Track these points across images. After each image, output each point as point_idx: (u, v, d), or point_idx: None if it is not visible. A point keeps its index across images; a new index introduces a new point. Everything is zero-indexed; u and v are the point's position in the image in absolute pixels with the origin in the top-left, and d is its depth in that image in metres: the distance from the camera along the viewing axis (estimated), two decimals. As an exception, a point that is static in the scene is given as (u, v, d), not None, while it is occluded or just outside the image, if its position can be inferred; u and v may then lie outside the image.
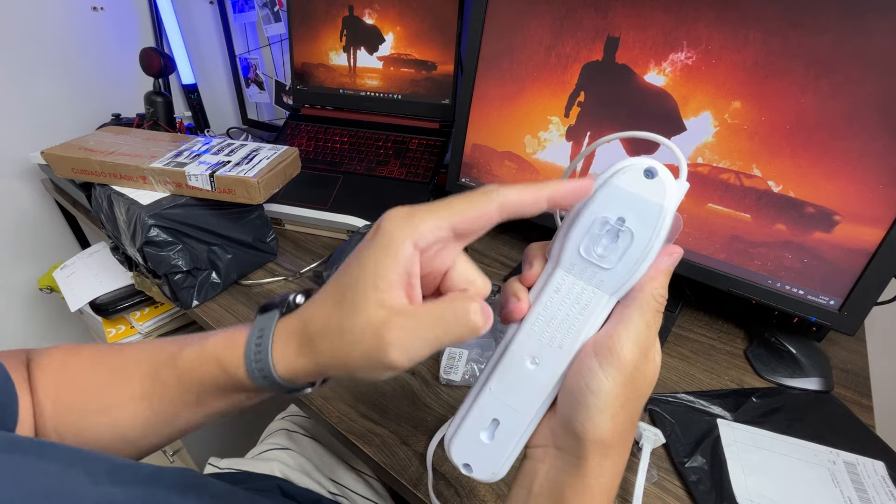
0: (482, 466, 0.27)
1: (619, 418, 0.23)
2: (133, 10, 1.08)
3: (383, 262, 0.22)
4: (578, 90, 0.59)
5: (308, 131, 0.94)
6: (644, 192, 0.23)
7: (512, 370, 0.26)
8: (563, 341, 0.25)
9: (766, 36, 0.46)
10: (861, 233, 0.46)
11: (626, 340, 0.23)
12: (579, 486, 0.24)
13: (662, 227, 0.23)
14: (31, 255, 1.10)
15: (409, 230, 0.22)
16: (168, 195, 0.62)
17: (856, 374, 0.55)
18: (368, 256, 0.22)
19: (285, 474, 0.56)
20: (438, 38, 0.85)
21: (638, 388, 0.24)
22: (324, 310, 0.24)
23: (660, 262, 0.24)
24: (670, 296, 0.63)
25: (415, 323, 0.22)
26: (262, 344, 0.25)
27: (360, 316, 0.22)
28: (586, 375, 0.23)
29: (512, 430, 0.26)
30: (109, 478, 0.24)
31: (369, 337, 0.22)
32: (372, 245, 0.22)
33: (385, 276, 0.22)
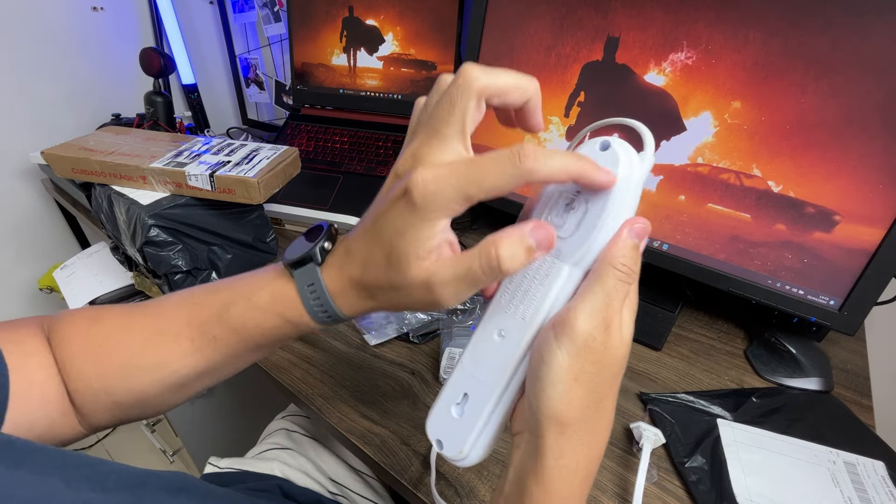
0: (452, 443, 0.27)
1: (574, 392, 0.23)
2: (133, 10, 1.08)
3: (422, 236, 0.23)
4: (578, 90, 0.59)
5: (308, 131, 0.94)
6: (598, 162, 0.24)
7: (481, 343, 0.27)
8: (526, 312, 0.25)
9: (766, 36, 0.46)
10: (861, 233, 0.46)
11: (581, 311, 0.23)
12: (538, 468, 0.24)
13: (616, 195, 0.23)
14: (31, 255, 1.10)
15: (442, 204, 0.23)
16: (168, 195, 0.61)
17: (856, 374, 0.55)
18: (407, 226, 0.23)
19: (285, 474, 0.56)
20: (438, 38, 0.85)
21: (597, 360, 0.23)
22: (374, 267, 0.25)
23: (620, 232, 0.24)
24: (670, 296, 0.64)
25: (460, 266, 0.23)
26: (319, 297, 0.27)
27: (410, 277, 0.24)
28: (542, 348, 0.23)
29: (480, 406, 0.26)
30: (89, 484, 0.23)
31: (421, 291, 0.24)
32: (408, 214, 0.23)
33: (425, 246, 0.23)
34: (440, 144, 0.24)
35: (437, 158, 0.23)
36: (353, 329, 0.59)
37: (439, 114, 0.24)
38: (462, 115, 0.23)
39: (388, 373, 0.53)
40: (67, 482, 0.23)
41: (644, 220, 0.24)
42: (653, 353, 0.57)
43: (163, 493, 0.26)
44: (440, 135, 0.24)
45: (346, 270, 0.27)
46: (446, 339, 0.53)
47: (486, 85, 0.23)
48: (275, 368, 0.53)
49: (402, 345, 0.57)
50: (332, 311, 0.28)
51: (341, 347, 0.56)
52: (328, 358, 0.55)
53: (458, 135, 0.24)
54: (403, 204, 0.23)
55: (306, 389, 0.51)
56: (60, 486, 0.22)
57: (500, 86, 0.23)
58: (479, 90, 0.23)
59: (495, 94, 0.23)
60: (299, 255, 0.28)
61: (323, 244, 0.28)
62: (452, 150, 0.24)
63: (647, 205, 0.57)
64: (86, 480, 0.23)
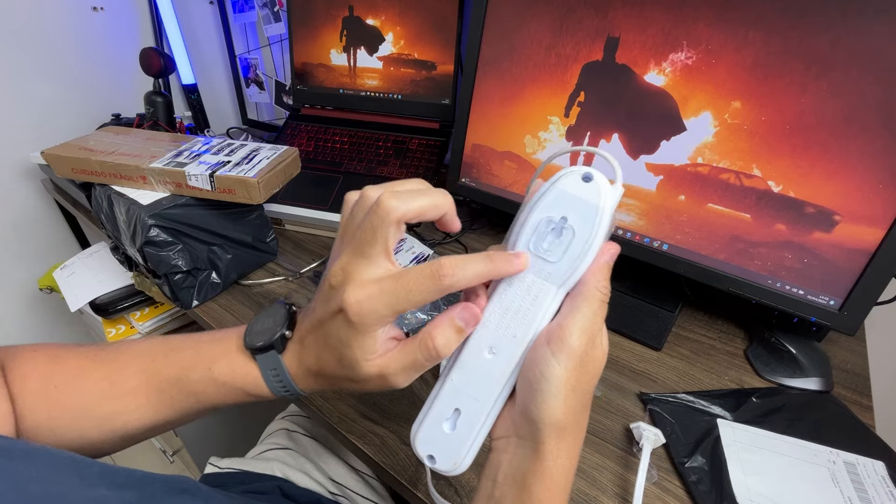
0: (445, 457, 0.28)
1: (571, 401, 0.25)
2: (133, 10, 1.08)
3: (366, 344, 0.27)
4: (578, 90, 0.59)
5: (308, 131, 0.94)
6: (583, 194, 0.26)
7: (471, 361, 0.28)
8: (517, 331, 0.27)
9: (766, 36, 0.46)
10: (861, 233, 0.46)
11: (575, 329, 0.25)
12: (539, 469, 0.26)
13: (600, 224, 0.26)
14: (31, 255, 1.10)
15: (376, 319, 0.26)
16: (168, 195, 0.61)
17: (856, 374, 0.55)
18: (350, 339, 0.27)
19: (285, 474, 0.56)
20: (438, 38, 0.85)
21: (587, 371, 0.26)
22: (329, 365, 0.29)
23: (600, 257, 0.26)
24: (670, 296, 0.64)
25: (406, 359, 0.27)
26: (282, 379, 0.31)
27: (364, 374, 0.27)
28: (541, 363, 0.26)
29: (472, 420, 0.28)
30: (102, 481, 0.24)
31: (376, 381, 0.28)
32: (347, 329, 0.26)
33: (370, 351, 0.27)
34: (367, 263, 0.26)
35: (366, 276, 0.26)
36: (353, 329, 0.59)
37: (363, 237, 0.26)
38: (384, 239, 0.26)
39: (388, 373, 0.53)
40: (82, 478, 0.23)
41: (616, 246, 0.27)
42: (653, 353, 0.57)
43: (168, 492, 0.26)
44: (366, 255, 0.26)
45: (304, 361, 0.30)
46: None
47: (402, 214, 0.26)
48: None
49: (402, 345, 0.57)
50: (293, 391, 0.31)
51: (341, 347, 0.56)
52: (328, 358, 0.55)
53: (383, 254, 0.26)
54: (342, 320, 0.26)
55: (306, 389, 0.51)
56: (76, 481, 0.23)
57: (416, 210, 0.26)
58: (396, 219, 0.26)
59: (413, 217, 0.26)
60: (262, 342, 0.31)
61: (284, 332, 0.31)
62: (378, 267, 0.26)
63: (647, 205, 0.57)
64: (98, 477, 0.24)
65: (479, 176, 0.72)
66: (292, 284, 0.68)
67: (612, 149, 0.57)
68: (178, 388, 0.32)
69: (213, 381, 0.32)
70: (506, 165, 0.68)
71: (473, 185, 0.73)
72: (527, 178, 0.67)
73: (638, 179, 0.57)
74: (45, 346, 0.35)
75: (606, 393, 0.51)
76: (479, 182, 0.72)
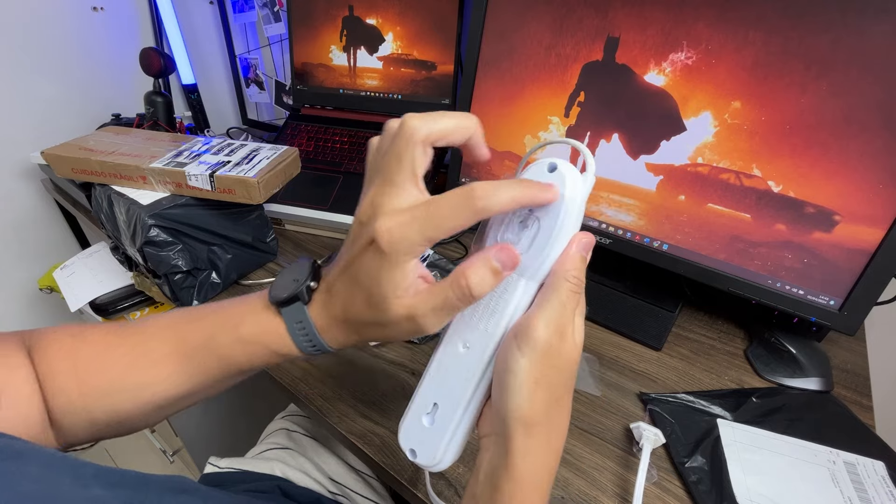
0: (425, 452, 0.28)
1: (537, 395, 0.25)
2: (133, 10, 1.08)
3: (396, 278, 0.25)
4: (578, 90, 0.59)
5: (308, 131, 0.94)
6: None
7: (447, 355, 0.29)
8: (488, 324, 0.27)
9: (766, 36, 0.46)
10: (861, 233, 0.46)
11: (540, 320, 0.25)
12: (509, 466, 0.25)
13: (565, 213, 0.25)
14: (31, 255, 1.10)
15: (408, 248, 0.24)
16: (168, 195, 0.62)
17: (856, 374, 0.55)
18: (380, 272, 0.25)
19: (285, 474, 0.56)
20: (438, 38, 0.85)
21: (555, 365, 0.25)
22: (357, 308, 0.27)
23: (569, 247, 0.26)
24: (670, 296, 0.64)
25: (437, 299, 0.25)
26: (308, 333, 0.29)
27: (393, 314, 0.26)
28: (507, 356, 0.25)
29: (448, 414, 0.28)
30: (96, 481, 0.23)
31: (406, 324, 0.26)
32: (379, 260, 0.25)
33: (401, 286, 0.25)
34: (396, 191, 0.25)
35: (395, 204, 0.25)
36: (353, 329, 0.59)
37: (389, 164, 0.26)
38: (410, 163, 0.25)
39: (388, 373, 0.53)
40: (75, 478, 0.23)
41: (589, 235, 0.26)
42: (653, 353, 0.57)
43: (166, 492, 0.26)
44: (394, 182, 0.25)
45: (331, 310, 0.29)
46: (446, 339, 0.53)
47: (427, 133, 0.25)
48: (275, 368, 0.53)
49: (401, 345, 0.57)
50: (320, 345, 0.30)
51: (341, 347, 0.56)
52: (328, 358, 0.55)
53: (411, 180, 0.25)
54: (373, 251, 0.25)
55: (306, 389, 0.51)
56: (68, 480, 0.23)
57: (441, 131, 0.25)
58: (422, 139, 0.25)
59: (438, 138, 0.25)
60: (287, 294, 0.30)
61: (309, 283, 0.30)
62: (408, 195, 0.25)
63: (647, 205, 0.57)
64: (93, 477, 0.24)
65: (479, 176, 0.72)
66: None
67: (613, 149, 0.57)
68: (205, 353, 0.31)
69: (240, 341, 0.31)
70: (506, 165, 0.68)
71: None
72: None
73: (638, 179, 0.57)
74: (69, 326, 0.35)
75: (606, 393, 0.51)
76: (479, 182, 0.72)
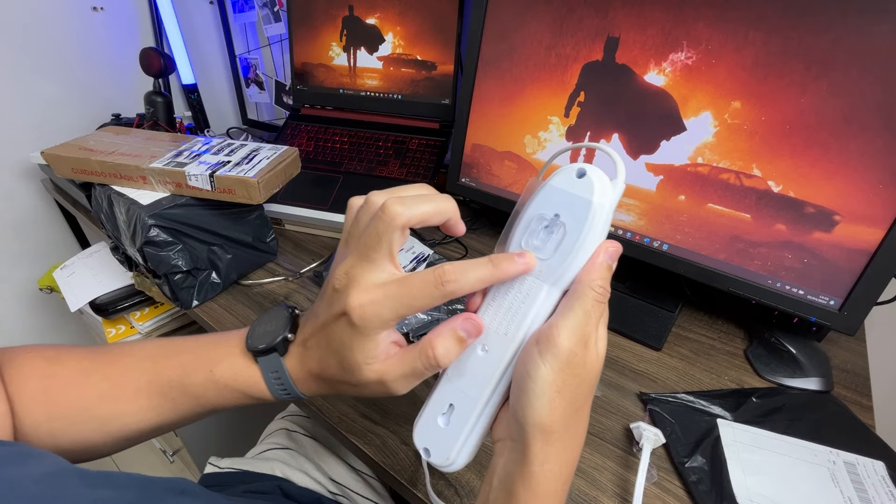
0: (439, 451, 0.28)
1: (557, 403, 0.25)
2: (133, 10, 1.08)
3: (367, 348, 0.27)
4: (578, 90, 0.59)
5: (308, 131, 0.94)
6: (575, 190, 0.25)
7: (465, 357, 0.28)
8: (508, 328, 0.27)
9: (766, 36, 0.46)
10: (861, 233, 0.46)
11: (563, 328, 0.25)
12: (526, 473, 0.25)
13: (593, 220, 0.25)
14: (31, 255, 1.10)
15: (379, 324, 0.26)
16: (168, 195, 0.61)
17: (856, 374, 0.55)
18: (352, 342, 0.27)
19: (286, 474, 0.56)
20: (438, 38, 0.85)
21: (577, 374, 0.25)
22: (331, 369, 0.29)
23: (596, 255, 0.26)
24: (670, 296, 0.64)
25: (406, 367, 0.27)
26: (283, 382, 0.31)
27: (365, 378, 0.28)
28: (528, 363, 0.25)
29: (465, 416, 0.28)
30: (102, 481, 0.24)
31: (377, 386, 0.28)
32: (350, 332, 0.27)
33: (371, 355, 0.27)
34: (371, 267, 0.26)
35: (370, 280, 0.26)
36: (353, 329, 0.59)
37: (369, 241, 0.26)
38: (388, 244, 0.26)
39: (388, 373, 0.53)
40: (82, 478, 0.23)
41: (616, 244, 0.26)
42: (653, 353, 0.57)
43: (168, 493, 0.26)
44: (370, 259, 0.26)
45: (307, 364, 0.30)
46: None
47: (408, 220, 0.26)
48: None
49: (402, 345, 0.57)
50: (294, 394, 0.32)
51: (341, 347, 0.56)
52: (328, 358, 0.55)
53: (387, 258, 0.26)
54: (345, 323, 0.27)
55: (306, 389, 0.51)
56: (75, 481, 0.23)
57: (421, 216, 0.26)
58: (401, 224, 0.26)
59: (418, 223, 0.26)
60: (264, 344, 0.31)
61: (286, 335, 0.31)
62: (383, 272, 0.26)
63: (647, 205, 0.57)
64: (99, 478, 0.24)
65: (479, 176, 0.72)
66: (292, 284, 0.68)
67: (613, 149, 0.57)
68: (179, 391, 0.32)
69: (214, 383, 0.32)
70: (506, 165, 0.68)
71: (473, 185, 0.73)
72: (526, 178, 0.67)
73: (638, 179, 0.57)
74: (44, 347, 0.35)
75: (606, 393, 0.51)
76: (479, 182, 0.72)
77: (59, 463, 0.24)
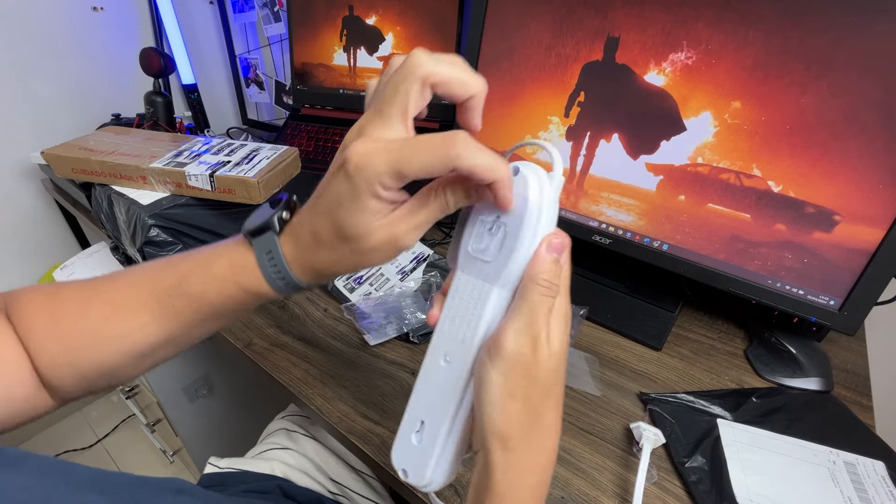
0: (415, 471, 0.27)
1: (511, 407, 0.24)
2: (133, 10, 1.08)
3: (359, 206, 0.25)
4: (578, 90, 0.59)
5: (308, 131, 0.94)
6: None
7: (430, 370, 0.28)
8: (465, 335, 0.26)
9: (766, 36, 0.46)
10: (861, 233, 0.46)
11: (509, 330, 0.24)
12: (489, 483, 0.25)
13: (529, 216, 0.24)
14: (31, 255, 1.10)
15: (373, 176, 0.24)
16: (168, 195, 0.62)
17: (856, 374, 0.55)
18: (344, 197, 0.25)
19: (286, 474, 0.56)
20: (438, 38, 0.85)
21: (528, 374, 0.24)
22: (323, 230, 0.27)
23: (539, 249, 0.25)
24: (670, 296, 0.64)
25: (417, 216, 0.26)
26: (277, 264, 0.28)
27: (374, 241, 0.26)
28: (480, 369, 0.25)
29: (434, 431, 0.27)
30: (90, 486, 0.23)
31: (387, 248, 0.26)
32: (345, 184, 0.25)
33: (366, 212, 0.25)
34: (382, 122, 0.24)
35: (378, 134, 0.24)
36: (352, 329, 0.59)
37: (385, 94, 0.25)
38: (405, 97, 0.24)
39: (388, 373, 0.53)
40: (68, 484, 0.23)
41: (562, 234, 0.25)
42: (653, 353, 0.57)
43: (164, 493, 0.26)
44: (383, 114, 0.24)
45: (301, 240, 0.28)
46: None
47: (430, 72, 0.24)
48: (275, 368, 0.53)
49: (401, 345, 0.57)
50: (289, 279, 0.29)
51: (341, 347, 0.56)
52: (328, 358, 0.55)
53: (400, 115, 0.24)
54: (342, 175, 0.25)
55: (306, 389, 0.51)
56: (62, 487, 0.22)
57: (444, 75, 0.24)
58: (423, 76, 0.24)
59: (439, 82, 0.24)
60: (258, 223, 0.29)
61: (281, 214, 0.29)
62: (393, 129, 0.24)
63: (647, 205, 0.57)
64: (86, 483, 0.23)
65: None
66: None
67: (613, 149, 0.57)
68: (178, 294, 0.31)
69: (212, 278, 0.30)
70: (506, 165, 0.68)
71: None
72: (527, 178, 0.67)
73: (638, 179, 0.57)
74: (41, 286, 0.34)
75: (606, 393, 0.51)
76: (479, 182, 0.72)
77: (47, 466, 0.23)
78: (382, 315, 0.58)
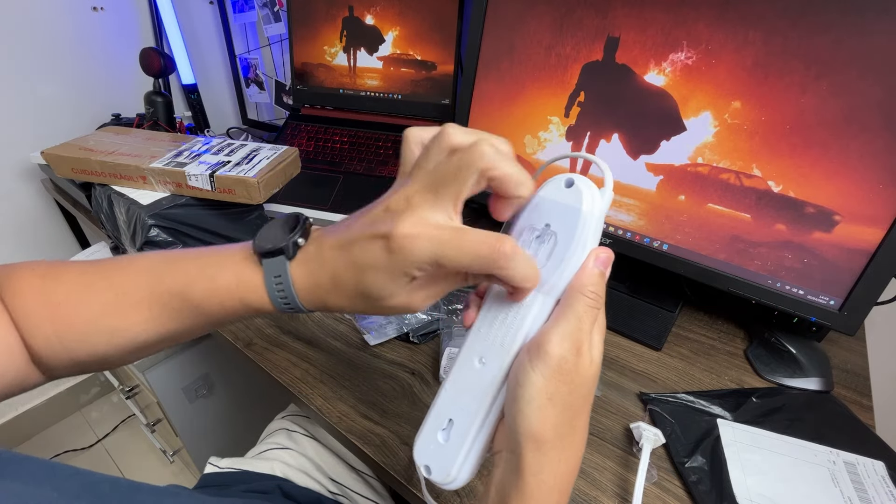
0: (439, 468, 0.28)
1: (549, 411, 0.24)
2: (133, 10, 1.08)
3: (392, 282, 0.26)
4: (578, 90, 0.59)
5: (308, 131, 0.94)
6: (565, 200, 0.26)
7: (463, 371, 0.28)
8: (504, 339, 0.27)
9: (766, 36, 0.46)
10: (861, 233, 0.46)
11: (554, 335, 0.24)
12: (519, 485, 0.25)
13: (583, 228, 0.25)
14: (31, 255, 1.10)
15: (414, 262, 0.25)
16: (168, 195, 0.62)
17: (856, 374, 0.55)
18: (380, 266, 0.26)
19: (286, 474, 0.56)
20: (438, 38, 0.85)
21: (569, 381, 0.24)
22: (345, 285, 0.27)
23: (587, 262, 0.26)
24: (670, 296, 0.64)
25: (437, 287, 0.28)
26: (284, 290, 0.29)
27: (391, 303, 0.27)
28: (518, 371, 0.25)
29: (463, 430, 0.27)
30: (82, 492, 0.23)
31: (400, 310, 0.28)
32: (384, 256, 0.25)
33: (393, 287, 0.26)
34: (435, 202, 0.25)
35: (428, 215, 0.25)
36: (353, 329, 0.59)
37: (443, 174, 0.25)
38: (462, 185, 0.24)
39: (388, 373, 0.53)
40: (60, 491, 0.22)
41: (608, 251, 0.26)
42: (653, 353, 0.57)
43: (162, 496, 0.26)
44: (438, 195, 0.25)
45: (316, 275, 0.28)
46: (446, 339, 0.53)
47: (492, 167, 0.24)
48: (275, 368, 0.53)
49: (401, 345, 0.57)
50: (294, 305, 0.29)
51: (341, 347, 0.56)
52: (328, 358, 0.55)
53: (453, 201, 0.25)
54: (381, 246, 0.25)
55: (306, 389, 0.51)
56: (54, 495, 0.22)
57: (503, 172, 0.24)
58: (484, 167, 0.24)
59: (497, 177, 0.24)
60: (271, 245, 0.29)
61: (297, 239, 0.29)
62: (443, 212, 0.25)
63: (647, 205, 0.57)
64: (79, 489, 0.23)
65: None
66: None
67: (613, 149, 0.57)
68: (181, 300, 0.31)
69: (216, 290, 0.30)
70: (506, 165, 0.68)
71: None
72: (527, 178, 0.67)
73: (638, 179, 0.57)
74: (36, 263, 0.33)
75: (606, 393, 0.51)
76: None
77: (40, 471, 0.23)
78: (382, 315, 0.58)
